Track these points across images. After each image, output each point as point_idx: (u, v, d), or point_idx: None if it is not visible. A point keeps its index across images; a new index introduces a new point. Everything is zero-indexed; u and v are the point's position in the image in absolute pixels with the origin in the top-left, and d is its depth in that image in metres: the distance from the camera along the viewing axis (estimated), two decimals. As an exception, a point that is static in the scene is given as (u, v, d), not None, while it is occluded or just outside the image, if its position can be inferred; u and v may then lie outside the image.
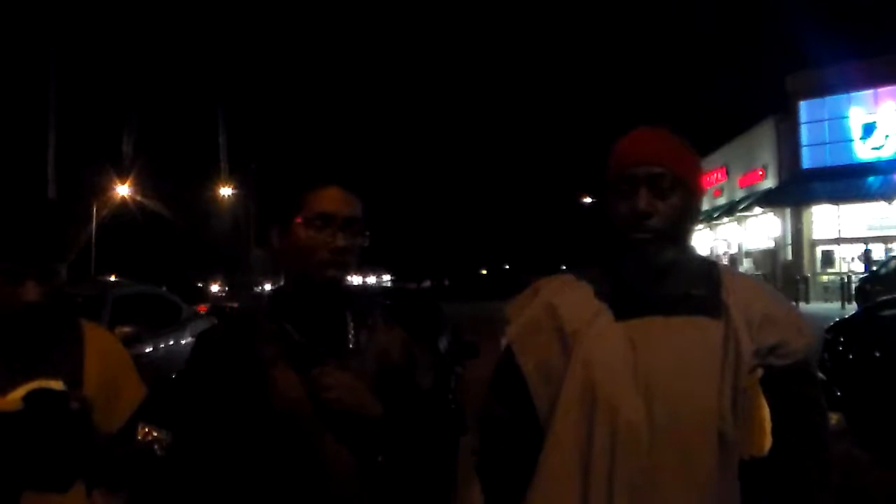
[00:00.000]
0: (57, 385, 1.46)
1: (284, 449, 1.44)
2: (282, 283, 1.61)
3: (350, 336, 1.56)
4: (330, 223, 1.51)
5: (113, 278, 10.96)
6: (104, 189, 28.92)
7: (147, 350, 6.76)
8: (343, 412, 1.46)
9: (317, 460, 1.45)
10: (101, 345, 1.66)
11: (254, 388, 1.45)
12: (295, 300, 1.54)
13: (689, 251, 1.44)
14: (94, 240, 28.66)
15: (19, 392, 1.44)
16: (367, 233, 1.57)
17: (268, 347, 1.49)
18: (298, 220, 1.52)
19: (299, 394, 1.45)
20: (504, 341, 1.51)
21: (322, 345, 1.51)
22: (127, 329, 6.36)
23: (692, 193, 1.41)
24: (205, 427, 1.47)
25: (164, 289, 9.78)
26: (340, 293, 1.57)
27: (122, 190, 29.57)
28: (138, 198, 30.22)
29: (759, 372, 1.35)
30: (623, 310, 1.40)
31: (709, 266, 1.47)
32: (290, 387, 1.46)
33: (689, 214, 1.41)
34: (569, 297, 1.46)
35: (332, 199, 1.53)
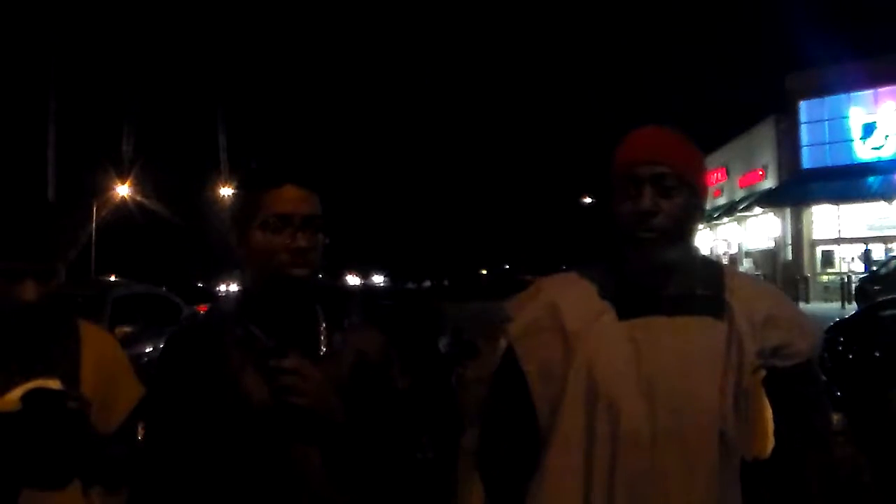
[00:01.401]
0: (55, 384, 1.45)
1: (254, 454, 1.42)
2: (245, 284, 1.57)
3: (322, 338, 1.52)
4: (288, 224, 1.46)
5: (113, 278, 10.96)
6: (104, 189, 28.93)
7: (147, 350, 6.77)
8: (307, 412, 1.43)
9: (286, 465, 1.43)
10: (98, 345, 1.66)
11: (223, 394, 1.43)
12: (262, 302, 1.50)
13: (692, 251, 1.44)
14: (94, 240, 28.64)
15: (17, 392, 1.43)
16: (326, 236, 1.53)
17: (235, 353, 1.45)
18: (256, 223, 1.47)
19: (269, 398, 1.43)
20: (505, 341, 1.51)
21: (292, 347, 1.46)
22: (127, 329, 6.37)
23: (696, 192, 1.41)
24: (173, 436, 1.45)
25: (164, 289, 9.78)
26: (308, 292, 1.52)
27: (122, 190, 29.56)
28: (138, 198, 30.22)
29: (762, 372, 1.35)
30: (626, 309, 1.39)
31: (712, 266, 1.47)
32: (260, 391, 1.43)
33: (693, 213, 1.40)
34: (571, 296, 1.45)
35: (287, 199, 1.48)
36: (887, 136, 25.15)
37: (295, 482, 1.43)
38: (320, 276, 1.58)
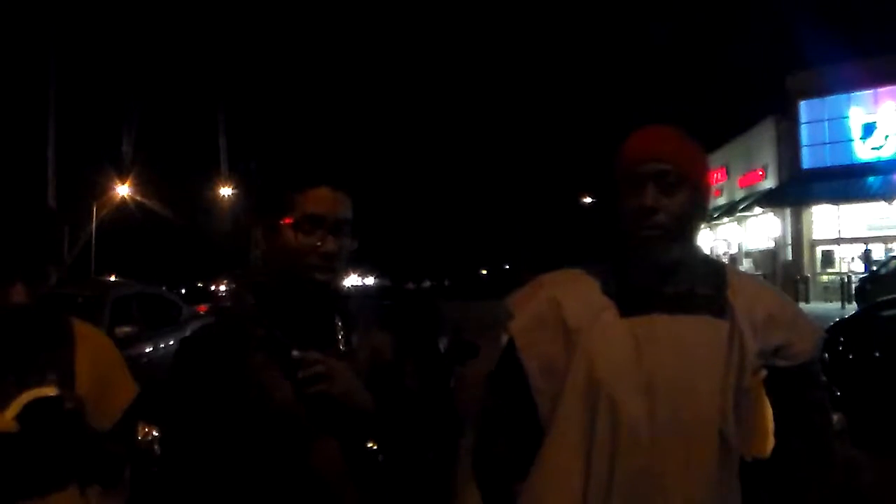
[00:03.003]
0: (50, 391, 1.45)
1: (276, 453, 1.42)
2: (262, 282, 1.56)
3: (340, 338, 1.52)
4: (320, 226, 1.47)
5: (113, 278, 10.97)
6: (104, 189, 28.90)
7: (147, 350, 6.77)
8: (333, 407, 1.43)
9: (309, 463, 1.43)
10: (91, 343, 1.65)
11: (244, 395, 1.43)
12: (281, 302, 1.50)
13: (695, 250, 1.44)
14: (94, 240, 28.64)
15: (13, 410, 1.43)
16: (356, 236, 1.53)
17: (256, 353, 1.45)
18: (287, 221, 1.47)
19: (292, 397, 1.43)
20: (506, 336, 1.51)
21: (312, 346, 1.47)
22: (127, 329, 6.37)
23: (699, 191, 1.41)
24: (193, 436, 1.45)
25: (164, 288, 9.78)
26: (329, 295, 1.53)
27: (122, 190, 29.56)
28: (138, 198, 30.21)
29: (763, 373, 1.35)
30: (628, 307, 1.39)
31: (715, 265, 1.47)
32: (282, 392, 1.43)
33: (695, 212, 1.41)
34: (574, 292, 1.45)
35: (322, 201, 1.48)
36: (887, 136, 25.15)
37: (315, 480, 1.43)
38: (341, 279, 1.59)
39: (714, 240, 33.55)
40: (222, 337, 1.50)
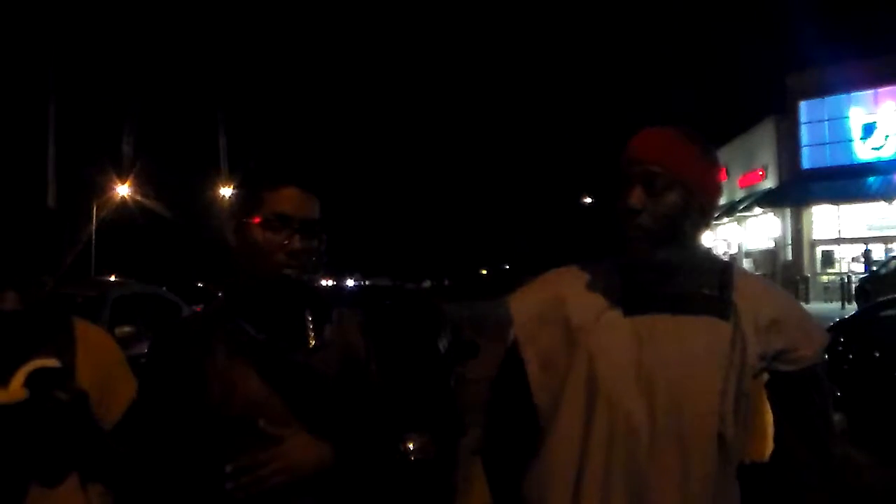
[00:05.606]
0: (53, 362, 1.46)
1: (245, 447, 1.42)
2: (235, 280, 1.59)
3: (310, 331, 1.54)
4: (287, 224, 1.50)
5: (113, 278, 10.95)
6: (104, 189, 28.92)
7: (147, 350, 6.76)
8: (309, 399, 1.46)
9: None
10: (93, 341, 1.65)
11: (209, 386, 1.44)
12: (251, 298, 1.53)
13: (695, 250, 1.42)
14: (94, 240, 28.65)
15: (19, 378, 1.43)
16: (324, 235, 1.56)
17: (222, 345, 1.48)
18: (255, 219, 1.50)
19: (260, 391, 1.45)
20: (513, 332, 1.51)
21: (282, 341, 1.50)
22: (127, 329, 6.36)
23: (694, 193, 1.38)
24: (160, 431, 1.46)
25: (164, 288, 9.78)
26: (298, 291, 1.55)
27: (122, 190, 29.56)
28: (138, 198, 30.21)
29: (765, 377, 1.34)
30: (632, 306, 1.39)
31: (721, 266, 1.45)
32: (250, 385, 1.45)
33: (688, 214, 1.38)
34: (578, 290, 1.45)
35: (289, 200, 1.52)
36: (887, 136, 25.15)
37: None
38: (315, 277, 1.60)
39: (714, 240, 33.52)
40: (191, 332, 1.53)
